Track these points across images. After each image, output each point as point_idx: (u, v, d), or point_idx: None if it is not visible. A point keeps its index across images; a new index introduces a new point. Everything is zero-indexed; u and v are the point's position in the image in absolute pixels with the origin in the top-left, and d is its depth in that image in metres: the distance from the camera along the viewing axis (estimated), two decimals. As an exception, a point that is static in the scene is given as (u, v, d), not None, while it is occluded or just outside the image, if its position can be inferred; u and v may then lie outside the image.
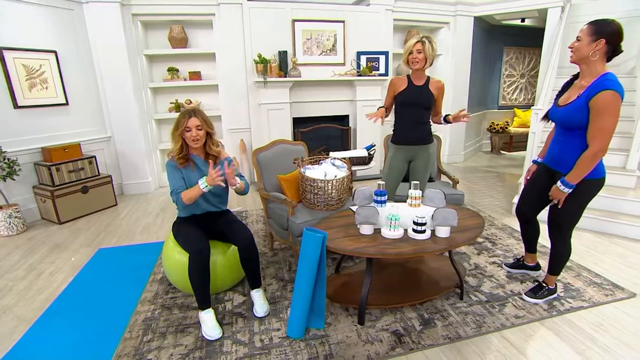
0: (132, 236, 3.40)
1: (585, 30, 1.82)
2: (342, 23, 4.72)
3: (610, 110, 1.74)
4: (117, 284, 2.59)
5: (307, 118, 4.97)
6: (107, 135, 4.49)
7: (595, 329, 2.05)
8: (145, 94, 4.59)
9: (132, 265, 2.83)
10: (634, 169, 3.60)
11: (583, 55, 1.83)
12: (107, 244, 3.25)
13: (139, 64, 4.45)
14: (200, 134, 2.15)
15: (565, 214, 2.06)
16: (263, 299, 2.23)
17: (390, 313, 2.19)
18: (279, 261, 2.85)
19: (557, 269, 2.25)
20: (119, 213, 4.01)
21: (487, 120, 7.13)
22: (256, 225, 3.59)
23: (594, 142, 1.81)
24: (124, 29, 4.19)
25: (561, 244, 2.17)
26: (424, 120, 2.63)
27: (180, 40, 4.52)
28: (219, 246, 2.33)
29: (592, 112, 1.79)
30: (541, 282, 2.34)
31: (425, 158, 2.69)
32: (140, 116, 4.54)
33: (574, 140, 1.93)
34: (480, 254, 2.95)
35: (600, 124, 1.77)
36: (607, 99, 1.73)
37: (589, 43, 1.80)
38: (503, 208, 4.02)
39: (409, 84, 2.58)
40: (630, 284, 2.48)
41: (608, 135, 1.78)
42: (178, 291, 2.46)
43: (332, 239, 2.05)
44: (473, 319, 2.14)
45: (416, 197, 2.22)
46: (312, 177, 2.60)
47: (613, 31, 1.76)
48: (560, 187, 1.96)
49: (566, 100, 1.97)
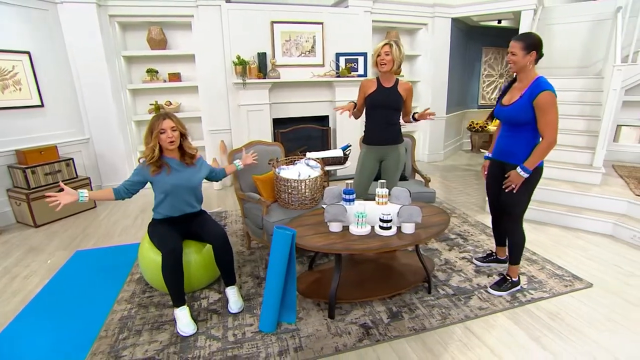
0: (110, 238, 3.45)
1: (517, 46, 2.14)
2: (321, 25, 4.83)
3: (552, 106, 2.08)
4: (94, 285, 2.65)
5: (287, 119, 5.06)
6: (85, 137, 4.51)
7: (553, 318, 2.20)
8: (124, 96, 4.62)
9: (109, 267, 2.89)
10: (600, 166, 3.81)
11: (521, 65, 2.16)
12: (84, 246, 3.29)
13: (118, 65, 4.48)
14: (175, 135, 2.22)
15: (518, 200, 2.31)
16: (237, 296, 2.32)
17: (360, 307, 2.30)
18: (256, 260, 2.95)
19: (517, 257, 2.44)
20: (97, 215, 4.05)
21: (467, 119, 7.32)
22: (235, 225, 3.68)
23: (546, 134, 2.12)
24: (101, 30, 4.23)
25: (516, 230, 2.39)
26: (394, 121, 2.76)
27: (159, 42, 4.56)
28: (193, 245, 2.41)
29: (539, 110, 2.10)
30: (505, 275, 2.51)
31: (395, 158, 2.81)
32: (120, 118, 4.57)
33: (520, 134, 2.23)
34: (452, 249, 3.09)
35: (548, 118, 2.10)
36: (548, 98, 2.07)
37: (524, 56, 2.13)
38: (477, 205, 4.18)
39: (378, 86, 2.70)
40: (588, 275, 2.65)
41: (556, 126, 2.12)
42: (155, 290, 2.53)
43: (302, 236, 2.15)
44: (439, 311, 2.27)
45: (383, 195, 2.33)
46: (286, 177, 2.70)
47: (539, 42, 2.13)
48: (520, 172, 2.21)
49: (510, 100, 2.26)
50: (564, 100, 4.52)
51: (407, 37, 6.10)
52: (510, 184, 2.26)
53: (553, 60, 5.15)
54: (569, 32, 5.04)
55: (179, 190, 2.30)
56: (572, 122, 4.31)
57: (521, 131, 2.22)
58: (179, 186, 2.28)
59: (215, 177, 2.60)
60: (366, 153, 2.87)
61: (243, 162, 2.74)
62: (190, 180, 2.33)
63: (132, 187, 2.25)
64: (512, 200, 2.31)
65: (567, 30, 5.06)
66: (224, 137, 4.92)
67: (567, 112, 4.41)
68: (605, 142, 3.72)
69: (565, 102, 4.49)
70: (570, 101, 4.51)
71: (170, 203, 2.32)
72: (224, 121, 4.87)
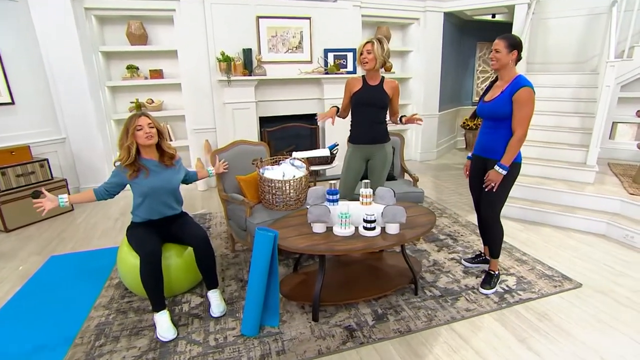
0: (89, 242, 3.46)
1: (501, 44, 2.32)
2: (309, 20, 4.88)
3: (530, 102, 2.25)
4: (70, 291, 2.67)
5: (274, 117, 5.10)
6: (61, 137, 4.51)
7: (540, 319, 2.28)
8: (102, 93, 4.63)
9: (87, 272, 2.91)
10: (593, 164, 3.91)
11: (503, 63, 2.34)
12: (60, 251, 3.30)
13: (95, 61, 4.49)
14: (153, 131, 2.25)
15: (497, 196, 2.46)
16: (219, 299, 2.36)
17: (345, 309, 2.36)
18: (240, 262, 2.99)
19: (497, 250, 2.60)
20: (75, 218, 4.05)
21: (460, 116, 7.43)
22: (219, 228, 3.71)
23: (518, 129, 2.30)
24: (77, 23, 4.22)
25: (495, 224, 2.54)
26: (380, 120, 2.82)
27: (139, 37, 4.58)
28: (174, 249, 2.45)
29: (516, 105, 2.27)
30: (488, 271, 2.64)
31: (382, 157, 2.88)
32: (98, 116, 4.58)
33: (500, 130, 2.39)
34: (441, 250, 3.16)
35: (522, 114, 2.27)
36: (527, 94, 2.24)
37: (507, 54, 2.31)
38: (469, 205, 4.25)
39: (364, 84, 2.77)
40: (578, 274, 2.74)
41: (528, 123, 2.29)
42: (134, 295, 2.56)
43: (285, 238, 2.20)
44: (425, 313, 2.33)
45: (367, 196, 2.39)
46: (270, 178, 2.74)
47: (520, 44, 2.32)
48: (498, 169, 2.35)
49: (491, 97, 2.44)
50: (558, 97, 4.63)
51: (398, 33, 6.18)
52: (490, 183, 2.40)
53: (548, 55, 5.27)
54: (564, 27, 5.15)
55: (158, 193, 2.34)
56: (567, 119, 4.41)
57: (502, 127, 2.37)
58: (157, 188, 2.32)
59: (188, 181, 2.67)
60: (352, 152, 2.92)
61: (217, 171, 2.90)
62: (170, 182, 2.37)
63: (112, 189, 2.30)
64: (492, 197, 2.46)
65: (562, 24, 5.17)
66: (209, 137, 4.94)
67: (561, 109, 4.52)
68: (599, 140, 3.82)
69: (559, 98, 4.60)
70: (565, 98, 4.61)
71: (149, 206, 2.36)
72: (209, 120, 4.89)
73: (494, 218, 2.52)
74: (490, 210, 2.51)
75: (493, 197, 2.45)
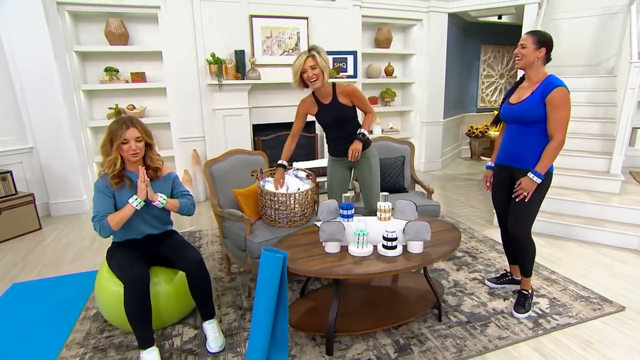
0: (59, 266, 3.23)
1: (529, 39, 2.23)
2: (306, 20, 4.81)
3: (566, 103, 2.15)
4: (36, 326, 2.42)
5: (269, 125, 4.99)
6: (28, 146, 4.29)
7: (584, 347, 2.13)
8: (77, 98, 4.45)
9: (57, 302, 2.68)
10: (618, 173, 3.85)
11: (529, 61, 2.24)
12: (25, 277, 3.05)
13: (69, 62, 4.31)
14: (140, 146, 2.11)
15: (528, 209, 2.33)
16: (217, 332, 2.18)
17: (362, 340, 2.20)
18: (237, 287, 2.81)
19: (529, 268, 2.47)
20: (43, 239, 3.81)
21: (465, 124, 7.41)
22: (212, 247, 3.53)
23: (556, 134, 2.18)
24: (47, 20, 4.03)
25: (525, 239, 2.40)
26: (352, 131, 2.70)
27: (119, 36, 4.43)
28: (163, 273, 2.26)
29: (550, 107, 2.16)
30: (520, 290, 2.52)
31: (366, 165, 2.78)
32: (72, 124, 4.38)
33: (529, 135, 2.28)
34: (460, 269, 3.03)
35: (559, 116, 2.15)
36: (561, 94, 2.14)
37: (534, 50, 2.21)
38: (483, 219, 4.16)
39: (318, 105, 2.68)
40: (618, 296, 2.62)
41: (567, 126, 2.18)
42: (115, 329, 2.35)
43: (294, 259, 2.04)
44: (453, 342, 2.18)
45: (386, 210, 2.25)
46: (273, 191, 2.60)
47: (550, 41, 2.22)
48: (532, 177, 2.23)
49: (518, 99, 2.32)
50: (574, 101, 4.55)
51: (400, 35, 6.16)
52: (522, 192, 2.26)
53: (560, 58, 5.24)
54: (577, 27, 5.16)
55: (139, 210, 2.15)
56: (585, 125, 4.37)
57: (531, 132, 2.26)
58: None
59: None
60: (333, 163, 2.87)
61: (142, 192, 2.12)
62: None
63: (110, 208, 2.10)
64: (523, 209, 2.32)
65: (575, 25, 5.18)
66: (197, 146, 4.80)
67: (579, 114, 4.47)
68: (623, 147, 3.77)
69: (575, 103, 4.53)
70: (581, 102, 4.58)
71: (130, 224, 2.17)
72: (197, 128, 4.75)
73: (524, 233, 2.38)
74: (519, 224, 2.37)
75: (523, 209, 2.32)
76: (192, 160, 4.76)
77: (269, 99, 4.88)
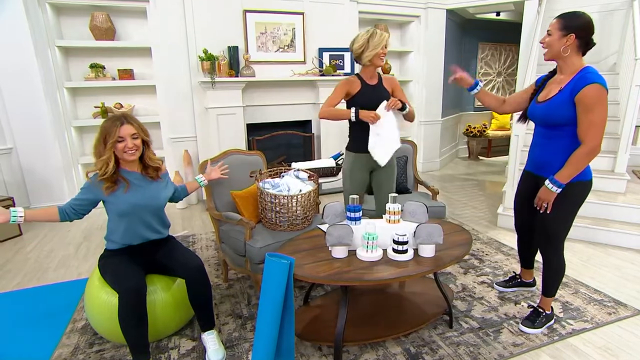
0: (42, 274, 3.10)
1: (555, 25, 1.97)
2: (302, 15, 4.74)
3: (599, 103, 1.86)
4: (18, 341, 2.29)
5: (264, 124, 4.91)
6: (7, 147, 4.15)
7: (603, 354, 2.09)
8: (61, 96, 4.33)
9: (41, 314, 2.55)
10: (623, 172, 3.85)
11: (555, 51, 1.98)
12: (3, 287, 2.91)
13: (51, 57, 4.19)
14: (137, 143, 2.02)
15: (556, 222, 2.12)
16: (218, 343, 2.09)
17: (371, 349, 2.13)
18: (236, 294, 2.72)
19: (553, 289, 2.27)
20: (24, 245, 3.66)
21: (462, 123, 7.42)
22: (207, 252, 3.43)
23: (587, 138, 1.90)
24: (27, 12, 3.91)
25: (555, 258, 2.21)
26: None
27: (105, 31, 4.31)
28: (160, 281, 2.17)
29: (581, 107, 1.89)
30: (536, 307, 2.35)
31: (389, 167, 2.72)
32: (55, 123, 4.26)
33: (556, 139, 2.04)
34: (467, 273, 2.98)
35: (591, 118, 1.87)
36: (594, 92, 1.85)
37: (560, 38, 1.94)
38: (487, 220, 4.13)
39: (363, 84, 2.60)
40: (631, 299, 2.60)
41: (601, 130, 1.90)
42: (106, 342, 2.24)
43: (300, 265, 1.97)
44: (466, 350, 2.12)
45: (395, 212, 2.19)
46: (273, 193, 2.52)
47: (582, 25, 1.92)
48: (549, 186, 2.01)
49: (546, 96, 2.07)
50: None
51: (396, 31, 6.13)
52: (541, 203, 2.08)
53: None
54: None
55: (139, 212, 2.08)
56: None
57: (558, 135, 2.03)
58: (140, 206, 2.06)
59: (177, 198, 2.45)
60: (354, 162, 2.72)
61: (207, 177, 2.61)
62: (155, 199, 2.13)
63: (83, 208, 2.02)
64: (552, 222, 2.11)
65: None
66: (189, 147, 4.70)
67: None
68: (628, 145, 3.77)
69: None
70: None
71: (128, 228, 2.09)
72: (188, 127, 4.66)
73: (553, 248, 2.17)
74: (551, 245, 2.17)
75: (548, 223, 2.11)
76: (183, 161, 4.65)
77: (265, 97, 4.80)
